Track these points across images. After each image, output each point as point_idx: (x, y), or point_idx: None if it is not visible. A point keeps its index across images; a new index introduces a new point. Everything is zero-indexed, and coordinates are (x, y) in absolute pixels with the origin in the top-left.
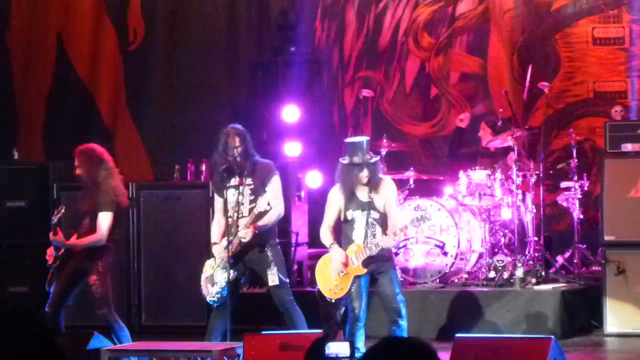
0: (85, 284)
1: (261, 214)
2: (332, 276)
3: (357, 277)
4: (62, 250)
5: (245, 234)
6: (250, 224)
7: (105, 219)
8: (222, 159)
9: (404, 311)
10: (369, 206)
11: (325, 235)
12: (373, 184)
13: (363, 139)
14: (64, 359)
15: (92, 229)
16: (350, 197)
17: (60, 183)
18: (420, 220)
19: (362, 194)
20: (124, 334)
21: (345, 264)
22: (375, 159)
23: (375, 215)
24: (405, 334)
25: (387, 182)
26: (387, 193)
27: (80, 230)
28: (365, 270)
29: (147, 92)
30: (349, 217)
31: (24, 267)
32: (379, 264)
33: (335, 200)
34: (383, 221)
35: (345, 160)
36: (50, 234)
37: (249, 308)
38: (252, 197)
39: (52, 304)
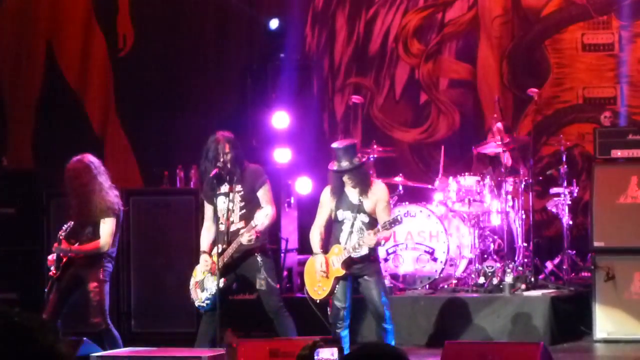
0: (82, 291)
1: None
2: (317, 277)
3: (338, 278)
4: (65, 260)
5: (249, 238)
6: (248, 229)
7: (107, 226)
8: (211, 166)
9: (387, 314)
10: (358, 209)
11: (314, 239)
12: (361, 188)
13: (348, 143)
14: None
15: (95, 236)
16: (341, 197)
17: (50, 190)
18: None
19: (353, 195)
20: (117, 342)
21: (325, 271)
22: (360, 163)
23: (364, 218)
24: (391, 337)
25: (378, 186)
26: (378, 197)
27: (83, 239)
28: (343, 272)
29: (136, 98)
30: (340, 218)
31: (14, 274)
32: (363, 266)
33: (326, 200)
34: (373, 225)
35: (333, 166)
36: (55, 244)
37: (239, 314)
38: (243, 204)
39: (51, 312)
